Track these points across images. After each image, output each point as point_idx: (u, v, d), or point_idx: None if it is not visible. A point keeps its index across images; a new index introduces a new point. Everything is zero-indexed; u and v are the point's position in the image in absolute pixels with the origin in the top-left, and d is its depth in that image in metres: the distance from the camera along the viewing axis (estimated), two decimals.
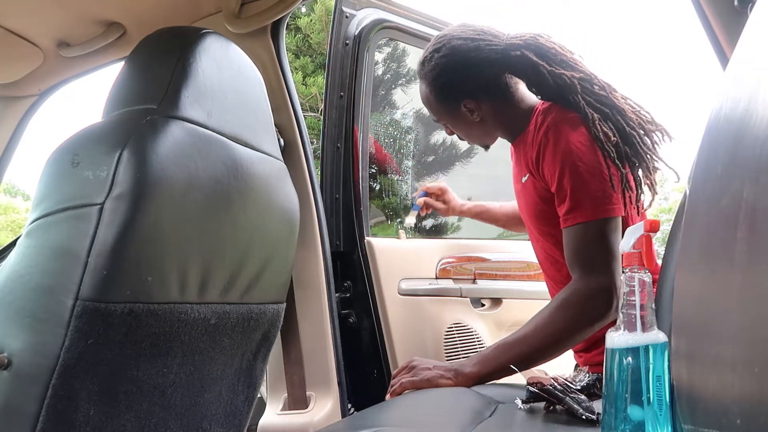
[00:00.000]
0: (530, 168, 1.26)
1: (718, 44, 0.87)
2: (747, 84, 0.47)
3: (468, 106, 1.32)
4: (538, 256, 1.41)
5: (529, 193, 1.29)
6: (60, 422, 0.78)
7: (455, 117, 1.35)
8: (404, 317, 1.68)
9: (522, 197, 1.35)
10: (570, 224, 1.17)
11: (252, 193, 1.01)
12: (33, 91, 1.71)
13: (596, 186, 1.15)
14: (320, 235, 1.50)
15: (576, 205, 1.15)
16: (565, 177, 1.16)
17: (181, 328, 0.91)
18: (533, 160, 1.23)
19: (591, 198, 1.14)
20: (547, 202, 1.24)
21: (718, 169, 0.54)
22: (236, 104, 1.01)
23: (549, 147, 1.18)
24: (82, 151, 0.82)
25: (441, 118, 1.39)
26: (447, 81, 1.30)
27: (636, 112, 1.24)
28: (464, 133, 1.40)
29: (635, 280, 0.74)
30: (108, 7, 1.33)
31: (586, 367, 1.21)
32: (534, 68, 1.23)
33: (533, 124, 1.26)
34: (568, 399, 0.95)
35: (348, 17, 1.69)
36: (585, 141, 1.17)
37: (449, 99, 1.32)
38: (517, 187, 1.39)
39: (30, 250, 0.81)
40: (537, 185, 1.25)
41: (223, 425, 1.07)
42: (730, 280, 0.44)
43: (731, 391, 0.41)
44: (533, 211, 1.30)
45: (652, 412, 0.70)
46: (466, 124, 1.36)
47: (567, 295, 1.14)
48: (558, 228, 1.22)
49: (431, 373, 1.17)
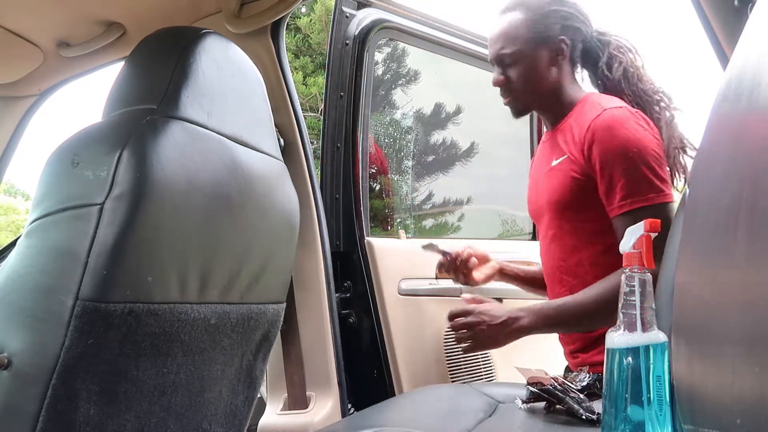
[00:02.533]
0: (571, 151, 1.26)
1: (718, 44, 0.87)
2: (747, 84, 0.47)
3: (562, 45, 1.30)
4: (543, 249, 1.39)
5: (560, 176, 1.28)
6: (60, 422, 0.77)
7: (535, 53, 1.30)
8: (404, 317, 1.68)
9: (545, 182, 1.34)
10: (627, 209, 1.18)
11: (252, 193, 1.01)
12: (33, 91, 1.71)
13: (653, 170, 1.18)
14: (320, 235, 1.50)
15: (634, 190, 1.17)
16: (621, 162, 1.18)
17: (181, 328, 0.91)
18: (580, 143, 1.24)
19: (648, 182, 1.17)
20: (581, 186, 1.25)
21: (718, 169, 0.54)
22: (236, 104, 1.01)
23: (602, 132, 1.20)
24: (82, 151, 0.82)
25: (516, 52, 1.30)
26: (556, 11, 1.30)
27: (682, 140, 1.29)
28: (526, 77, 1.32)
29: (635, 280, 0.74)
30: (108, 7, 1.33)
31: (586, 367, 1.21)
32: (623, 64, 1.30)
33: (578, 110, 1.29)
34: (568, 399, 0.95)
35: (348, 17, 1.69)
36: (640, 128, 1.21)
37: (550, 29, 1.30)
38: (539, 173, 1.37)
39: (30, 250, 0.81)
40: (574, 168, 1.25)
41: (223, 425, 1.07)
42: (730, 280, 0.44)
43: (731, 391, 0.41)
44: (559, 194, 1.29)
45: (652, 412, 0.70)
46: (537, 67, 1.31)
47: None
48: (578, 213, 1.24)
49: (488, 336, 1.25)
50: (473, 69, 2.06)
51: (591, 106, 1.27)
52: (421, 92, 2.72)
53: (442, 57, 1.99)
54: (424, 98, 2.64)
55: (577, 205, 1.26)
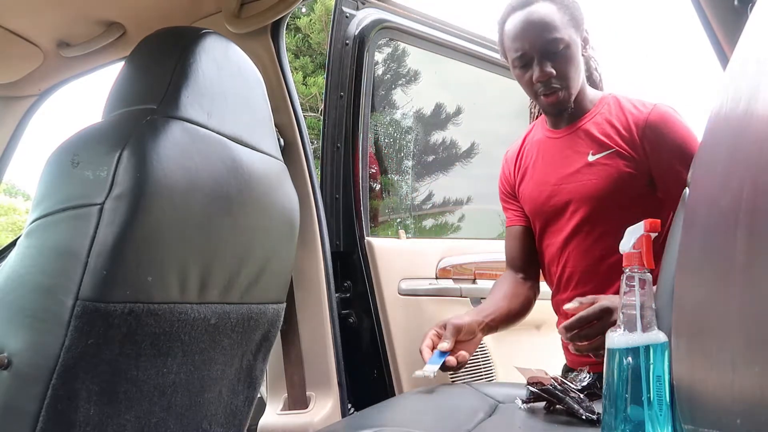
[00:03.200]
0: (620, 145, 1.28)
1: (718, 44, 0.87)
2: (747, 84, 0.47)
3: (586, 34, 1.34)
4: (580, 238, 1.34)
5: (611, 170, 1.28)
6: (60, 422, 0.77)
7: (577, 40, 1.31)
8: (404, 317, 1.68)
9: (586, 175, 1.32)
10: None
11: (252, 193, 1.01)
12: (33, 91, 1.71)
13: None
14: (320, 235, 1.50)
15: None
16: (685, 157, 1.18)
17: (181, 328, 0.91)
18: (629, 138, 1.27)
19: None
20: (633, 182, 1.26)
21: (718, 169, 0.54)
22: (236, 104, 1.01)
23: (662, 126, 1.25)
24: (82, 151, 0.82)
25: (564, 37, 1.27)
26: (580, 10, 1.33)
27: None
28: (573, 64, 1.29)
29: (635, 280, 0.74)
30: (108, 7, 1.33)
31: (586, 367, 1.20)
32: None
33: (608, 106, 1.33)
34: (568, 399, 0.95)
35: (348, 17, 1.69)
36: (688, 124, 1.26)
37: (579, 17, 1.32)
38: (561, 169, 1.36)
39: (30, 250, 0.81)
40: (626, 164, 1.27)
41: (223, 425, 1.07)
42: (730, 280, 0.44)
43: (731, 391, 0.41)
44: (608, 188, 1.28)
45: (653, 412, 0.70)
46: (578, 54, 1.31)
47: None
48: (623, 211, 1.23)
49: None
50: (473, 69, 2.07)
51: (624, 104, 1.31)
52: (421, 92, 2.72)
53: (442, 57, 1.99)
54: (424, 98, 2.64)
55: (626, 200, 1.26)
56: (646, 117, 1.26)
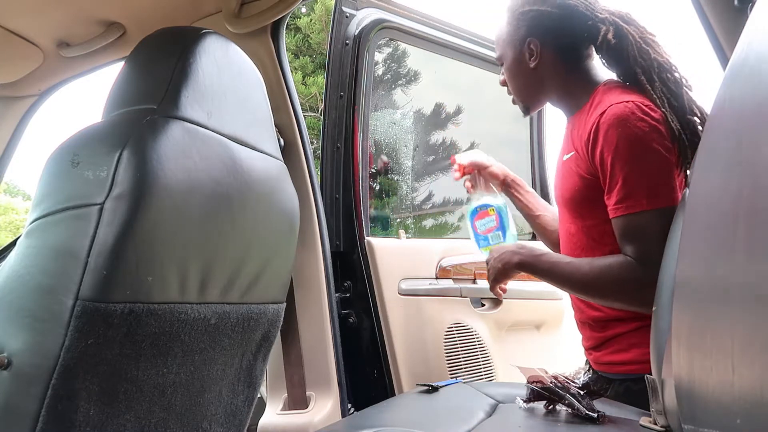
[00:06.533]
0: (577, 147, 1.23)
1: (718, 44, 0.87)
2: (747, 84, 0.47)
3: (530, 47, 1.29)
4: (562, 238, 1.37)
5: (569, 172, 1.26)
6: (60, 422, 0.77)
7: (513, 56, 1.32)
8: (404, 317, 1.68)
9: (560, 175, 1.33)
10: (622, 213, 1.14)
11: (252, 193, 1.01)
12: (33, 91, 1.71)
13: (653, 174, 1.13)
14: (320, 235, 1.50)
15: (630, 193, 1.13)
16: (620, 163, 1.13)
17: (181, 328, 0.91)
18: (585, 141, 1.20)
19: (647, 187, 1.12)
20: (588, 186, 1.22)
21: (718, 169, 0.54)
22: (236, 104, 1.01)
23: (604, 130, 1.15)
24: (82, 151, 0.82)
25: (502, 54, 1.35)
26: (525, 12, 1.29)
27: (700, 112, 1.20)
28: (512, 78, 1.35)
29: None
30: (108, 7, 1.33)
31: (586, 366, 1.20)
32: (622, 37, 1.22)
33: (591, 102, 1.24)
34: (568, 397, 0.95)
35: (348, 17, 1.69)
36: (645, 127, 1.13)
37: (518, 32, 1.30)
38: (558, 165, 1.36)
39: (30, 250, 0.81)
40: (580, 166, 1.22)
41: (223, 425, 1.07)
42: (730, 280, 0.44)
43: (731, 391, 0.41)
44: (569, 191, 1.27)
45: None
46: (518, 68, 1.32)
47: (621, 271, 1.13)
48: (590, 212, 1.22)
49: (500, 266, 1.33)
50: (473, 69, 2.06)
51: (599, 100, 1.23)
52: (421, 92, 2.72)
53: (442, 57, 1.99)
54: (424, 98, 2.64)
55: (586, 204, 1.24)
56: (597, 118, 1.17)
